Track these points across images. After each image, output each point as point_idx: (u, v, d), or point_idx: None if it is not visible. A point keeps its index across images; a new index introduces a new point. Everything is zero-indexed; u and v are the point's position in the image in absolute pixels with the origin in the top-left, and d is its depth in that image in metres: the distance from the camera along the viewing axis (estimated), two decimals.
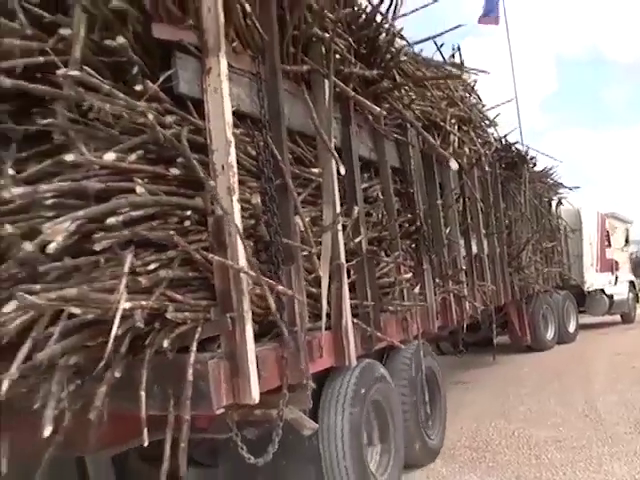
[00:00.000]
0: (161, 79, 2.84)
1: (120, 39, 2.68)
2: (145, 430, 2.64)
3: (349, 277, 4.18)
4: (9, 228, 2.41)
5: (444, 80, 6.35)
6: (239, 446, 3.45)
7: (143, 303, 2.56)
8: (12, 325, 2.33)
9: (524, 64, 38.40)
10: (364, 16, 4.62)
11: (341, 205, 4.17)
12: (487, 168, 8.02)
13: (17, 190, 2.39)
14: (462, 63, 7.20)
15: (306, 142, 4.00)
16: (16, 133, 2.78)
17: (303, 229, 3.57)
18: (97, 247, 2.47)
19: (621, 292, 14.41)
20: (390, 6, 4.68)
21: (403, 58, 4.92)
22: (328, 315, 3.85)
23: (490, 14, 15.97)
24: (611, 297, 14.04)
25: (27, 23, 2.68)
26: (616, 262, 14.59)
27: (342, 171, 3.90)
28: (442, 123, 6.00)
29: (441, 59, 6.51)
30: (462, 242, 7.00)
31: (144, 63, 2.86)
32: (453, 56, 7.03)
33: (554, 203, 13.02)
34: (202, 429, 3.37)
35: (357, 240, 4.32)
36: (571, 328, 12.93)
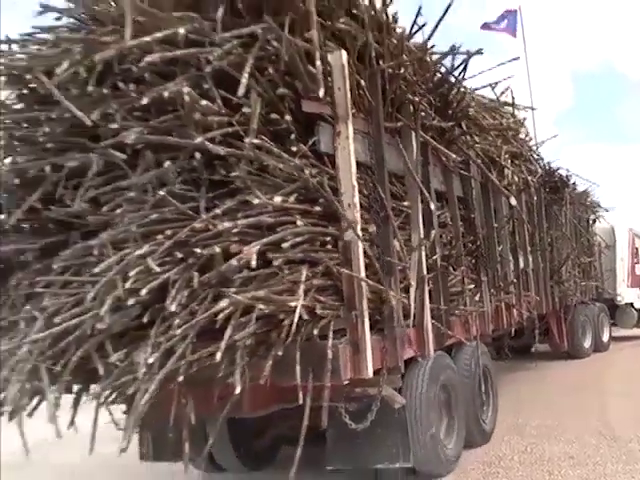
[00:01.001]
0: (310, 142, 3.87)
1: (287, 116, 3.73)
2: (300, 394, 3.64)
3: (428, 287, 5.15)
4: (217, 249, 3.46)
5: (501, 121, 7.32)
6: (344, 415, 4.45)
7: (303, 303, 3.57)
8: (221, 315, 3.37)
9: (539, 79, 38.24)
10: (440, 75, 5.61)
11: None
12: (533, 193, 8.90)
13: (227, 224, 3.44)
14: (513, 101, 8.18)
15: (398, 180, 5.00)
16: (205, 180, 3.84)
17: (399, 249, 4.57)
18: (275, 263, 3.50)
19: None
20: (460, 67, 5.65)
21: (470, 110, 5.90)
22: (414, 315, 4.83)
23: (508, 27, 15.50)
24: (639, 311, 14.72)
25: (221, 104, 3.73)
26: None
27: (433, 207, 4.90)
28: (497, 158, 6.95)
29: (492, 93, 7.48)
30: (511, 258, 7.91)
31: (296, 130, 3.90)
32: (503, 93, 8.01)
33: (591, 222, 13.78)
34: (322, 398, 4.35)
35: (434, 257, 5.29)
36: (605, 338, 13.67)
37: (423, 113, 5.15)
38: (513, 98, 8.21)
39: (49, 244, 4.10)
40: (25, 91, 4.14)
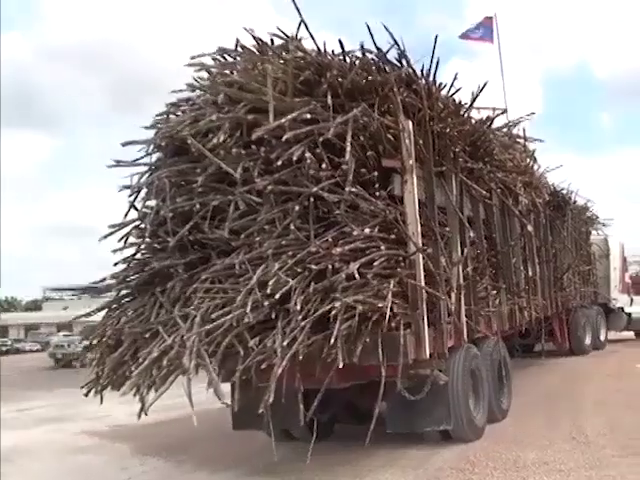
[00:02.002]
0: (388, 189, 5.33)
1: (374, 172, 5.19)
2: (380, 370, 5.05)
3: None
4: (329, 266, 4.90)
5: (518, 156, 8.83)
6: (402, 390, 5.87)
7: (386, 304, 5.01)
8: (333, 312, 4.80)
9: (508, 84, 39.03)
10: (473, 124, 7.08)
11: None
12: (540, 212, 10.35)
13: (339, 249, 4.88)
14: (525, 135, 9.67)
15: (441, 211, 6.44)
16: (313, 216, 5.26)
17: (445, 264, 6.02)
18: (369, 275, 4.94)
19: (637, 311, 16.45)
20: (488, 119, 7.11)
21: (496, 152, 7.38)
22: (454, 314, 6.27)
23: (484, 35, 15.40)
24: (629, 315, 16.17)
25: (328, 163, 5.18)
26: (630, 284, 16.77)
27: (472, 233, 6.36)
28: (513, 187, 8.42)
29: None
30: (522, 268, 9.35)
31: (377, 180, 5.36)
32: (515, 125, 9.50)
33: (589, 234, 15.29)
34: (391, 375, 5.76)
35: (467, 270, 6.74)
36: (602, 337, 15.26)
37: (461, 159, 6.60)
38: (524, 131, 9.76)
39: (193, 260, 5.56)
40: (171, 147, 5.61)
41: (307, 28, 5.20)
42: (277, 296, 4.84)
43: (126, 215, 5.87)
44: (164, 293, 5.66)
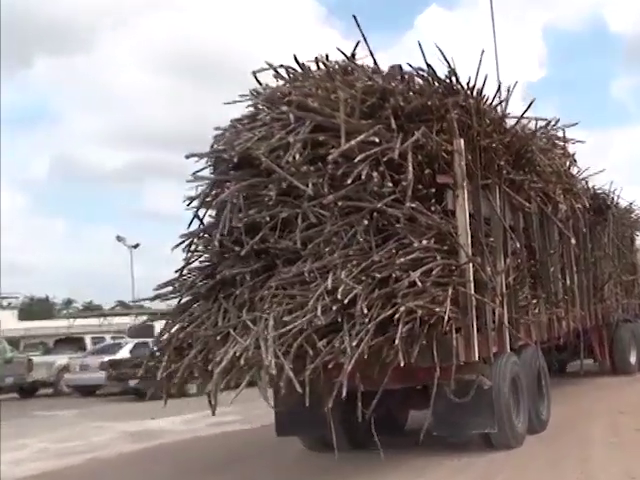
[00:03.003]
0: (443, 203, 7.55)
1: (431, 189, 7.41)
2: (436, 373, 7.26)
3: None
4: (393, 275, 7.09)
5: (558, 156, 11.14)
6: (449, 392, 8.07)
7: (440, 309, 7.21)
8: (397, 316, 6.98)
9: (504, 40, 41.12)
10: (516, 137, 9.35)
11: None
12: (579, 218, 12.63)
13: (402, 259, 7.07)
14: (564, 135, 11.99)
15: (486, 222, 8.67)
16: (374, 229, 7.46)
17: (491, 273, 8.25)
18: (427, 283, 7.14)
19: None
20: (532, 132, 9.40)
21: (538, 162, 9.67)
22: (498, 321, 8.51)
23: None
24: None
25: (389, 179, 7.38)
26: None
27: (518, 244, 8.61)
28: (552, 195, 10.70)
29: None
30: (560, 277, 11.63)
31: (433, 195, 7.58)
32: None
33: (634, 240, 17.67)
34: (441, 378, 7.92)
35: (509, 278, 8.99)
36: None
37: (504, 171, 8.86)
38: (564, 131, 12.08)
39: (257, 268, 7.72)
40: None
41: (371, 53, 7.46)
42: (345, 301, 7.01)
43: (190, 225, 8.05)
44: (228, 299, 7.82)
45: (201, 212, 8.41)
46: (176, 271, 8.25)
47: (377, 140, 7.25)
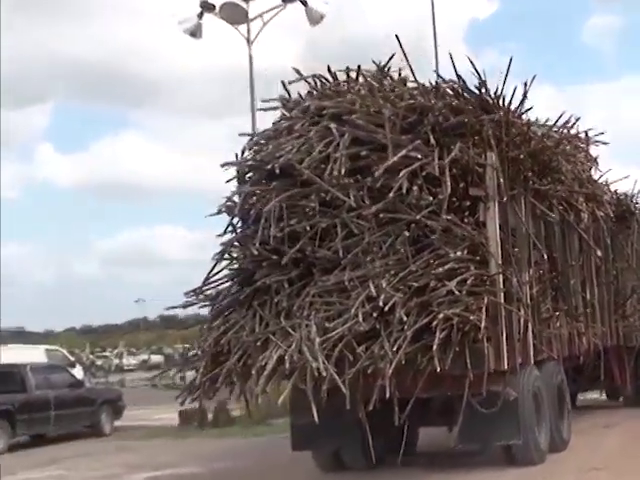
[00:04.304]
0: (475, 216, 11.02)
1: (467, 203, 10.89)
2: (468, 381, 10.69)
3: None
4: (431, 284, 10.51)
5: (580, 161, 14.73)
6: (474, 403, 11.50)
7: (474, 317, 10.66)
8: (435, 322, 10.36)
9: None
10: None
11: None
12: (602, 226, 16.16)
13: (440, 269, 10.50)
14: (587, 135, 15.65)
15: (512, 232, 12.16)
16: (410, 239, 10.89)
17: (517, 284, 11.75)
18: (463, 292, 10.57)
19: None
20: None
21: (563, 170, 13.24)
22: (523, 332, 12.01)
23: None
24: None
25: (427, 192, 10.83)
26: None
27: (544, 255, 12.13)
28: (575, 203, 14.26)
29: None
30: (581, 290, 15.17)
31: (467, 207, 11.05)
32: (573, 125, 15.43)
33: None
34: (475, 387, 11.24)
35: (533, 290, 12.49)
36: None
37: (530, 181, 12.37)
38: (586, 133, 15.71)
39: (293, 277, 11.06)
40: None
41: (413, 74, 10.92)
42: (386, 308, 10.35)
43: (224, 234, 11.39)
44: (263, 306, 11.15)
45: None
46: (205, 280, 11.59)
47: (418, 155, 10.68)
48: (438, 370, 10.36)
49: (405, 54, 11.50)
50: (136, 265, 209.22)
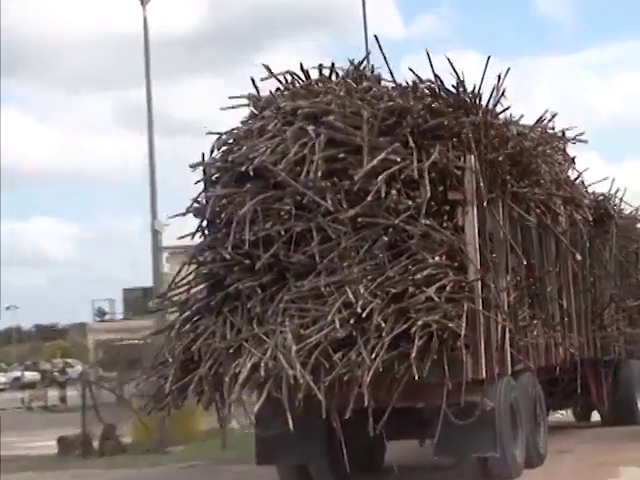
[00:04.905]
0: (454, 220, 12.55)
1: (447, 208, 12.42)
2: (444, 391, 12.19)
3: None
4: (410, 289, 12.01)
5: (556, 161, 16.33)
6: (450, 414, 12.98)
7: (452, 324, 12.18)
8: (413, 329, 11.86)
9: None
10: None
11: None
12: (579, 230, 17.67)
13: (418, 275, 12.00)
14: (564, 134, 17.25)
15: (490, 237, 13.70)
16: (386, 245, 12.39)
17: (494, 290, 13.29)
18: (442, 298, 12.09)
19: None
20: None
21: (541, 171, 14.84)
22: (501, 340, 13.55)
23: None
24: None
25: (405, 196, 12.34)
26: None
27: (524, 261, 13.70)
28: (553, 207, 15.83)
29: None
30: (557, 298, 16.71)
31: (446, 211, 12.59)
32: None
33: None
34: (452, 396, 12.68)
35: (510, 297, 14.04)
36: None
37: (508, 185, 13.92)
38: (564, 132, 17.30)
39: (265, 282, 12.50)
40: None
41: (391, 73, 12.43)
42: (364, 315, 11.78)
43: (193, 237, 12.80)
44: (233, 312, 12.56)
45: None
46: (170, 285, 13.02)
47: (397, 158, 12.16)
48: (417, 378, 11.78)
49: (384, 55, 12.98)
50: (6, 265, 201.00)
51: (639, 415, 21.02)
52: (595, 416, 22.29)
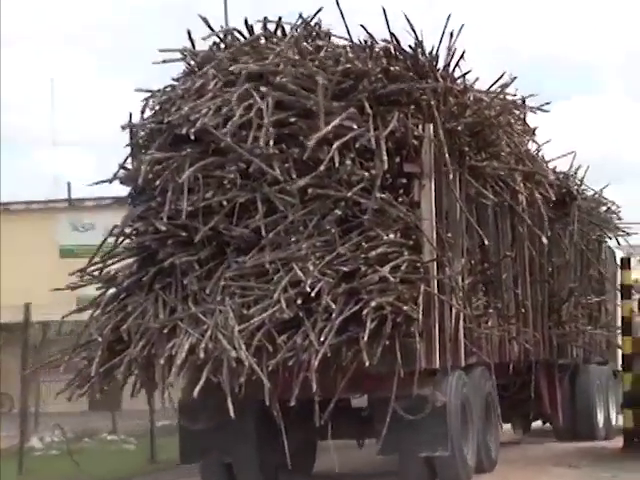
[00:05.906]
0: (410, 195, 14.85)
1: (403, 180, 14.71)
2: (395, 381, 14.32)
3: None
4: (362, 268, 14.26)
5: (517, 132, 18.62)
6: (399, 409, 15.19)
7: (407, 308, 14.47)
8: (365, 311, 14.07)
9: None
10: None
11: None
12: (539, 210, 19.61)
13: (373, 253, 14.28)
14: (524, 101, 19.55)
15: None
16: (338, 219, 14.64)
17: (450, 272, 15.58)
18: (396, 279, 14.36)
19: None
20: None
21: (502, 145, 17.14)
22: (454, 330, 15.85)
23: None
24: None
25: (360, 167, 14.63)
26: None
27: (486, 241, 16.03)
28: (512, 183, 18.10)
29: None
30: (513, 287, 18.85)
31: (402, 185, 14.86)
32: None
33: (605, 245, 24.61)
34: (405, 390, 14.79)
35: (465, 282, 16.30)
36: (613, 418, 23.74)
37: (467, 157, 16.20)
38: (524, 100, 19.51)
39: (203, 257, 14.61)
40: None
41: (349, 32, 14.65)
42: (313, 294, 13.87)
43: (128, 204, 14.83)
44: (166, 289, 14.61)
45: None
46: (103, 257, 15.06)
47: (353, 125, 14.28)
48: (367, 365, 13.64)
49: (341, 10, 15.17)
50: None
51: (599, 430, 23.01)
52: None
